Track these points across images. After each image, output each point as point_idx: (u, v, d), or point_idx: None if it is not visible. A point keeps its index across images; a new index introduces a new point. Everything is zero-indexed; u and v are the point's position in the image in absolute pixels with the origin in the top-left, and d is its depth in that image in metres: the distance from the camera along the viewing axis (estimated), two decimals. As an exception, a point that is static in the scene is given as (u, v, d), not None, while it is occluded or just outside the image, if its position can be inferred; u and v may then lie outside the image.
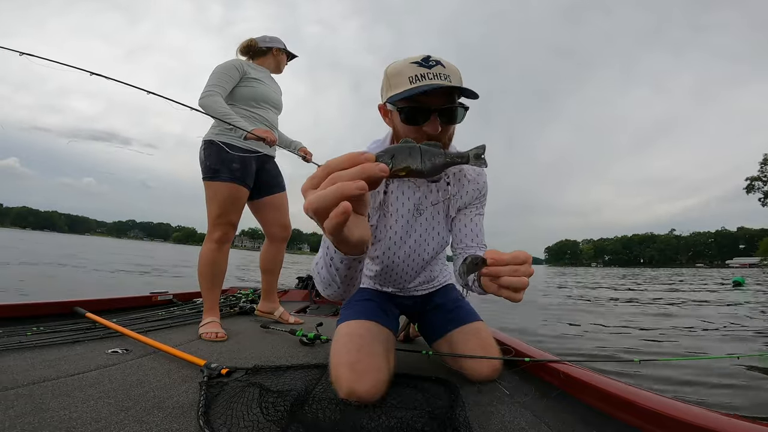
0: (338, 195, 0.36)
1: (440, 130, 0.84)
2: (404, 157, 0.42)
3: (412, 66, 0.82)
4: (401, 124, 0.87)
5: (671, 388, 1.64)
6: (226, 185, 1.63)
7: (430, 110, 0.83)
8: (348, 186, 0.35)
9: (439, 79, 0.80)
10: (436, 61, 0.82)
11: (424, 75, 0.80)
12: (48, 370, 1.03)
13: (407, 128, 0.86)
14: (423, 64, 0.81)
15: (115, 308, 2.01)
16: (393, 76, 0.85)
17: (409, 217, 1.06)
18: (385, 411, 0.81)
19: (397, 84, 0.83)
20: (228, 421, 0.75)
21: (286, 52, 1.94)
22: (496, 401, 0.92)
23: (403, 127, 0.87)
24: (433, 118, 0.83)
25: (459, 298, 1.24)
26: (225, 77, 1.66)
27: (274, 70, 1.92)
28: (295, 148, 2.01)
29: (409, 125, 0.86)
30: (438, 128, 0.84)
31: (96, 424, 0.73)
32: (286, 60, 1.97)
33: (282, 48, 1.91)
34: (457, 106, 0.85)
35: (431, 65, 0.81)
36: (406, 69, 0.82)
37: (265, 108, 1.80)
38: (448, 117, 0.85)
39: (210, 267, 1.66)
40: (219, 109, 1.60)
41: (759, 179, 39.08)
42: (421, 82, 0.80)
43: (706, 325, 3.44)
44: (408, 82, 0.81)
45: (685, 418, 0.64)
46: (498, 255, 0.62)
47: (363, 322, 1.06)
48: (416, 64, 0.81)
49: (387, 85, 0.87)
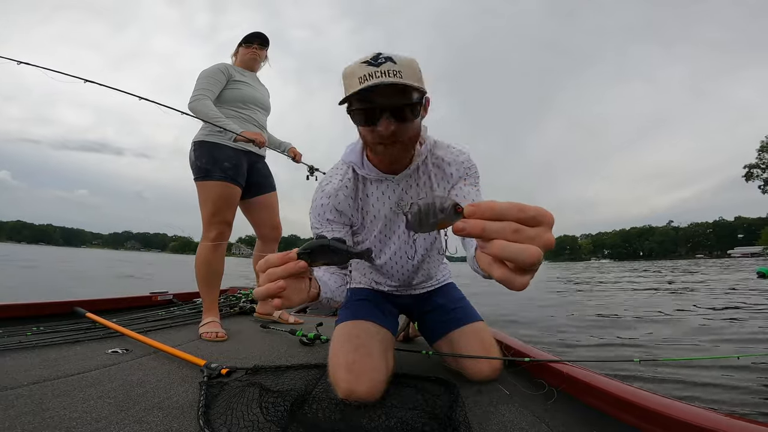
0: (265, 294, 0.51)
1: (393, 129, 0.82)
2: (318, 254, 0.55)
3: (362, 66, 0.78)
4: (357, 126, 0.88)
5: (671, 388, 1.63)
6: (218, 184, 1.63)
7: (380, 109, 0.80)
8: (271, 287, 0.51)
9: (387, 76, 0.77)
10: (387, 57, 0.78)
11: (372, 74, 0.77)
12: (48, 370, 1.03)
13: (363, 129, 0.87)
14: (372, 62, 0.78)
15: (115, 308, 2.01)
16: (346, 79, 0.82)
17: (392, 215, 1.05)
18: (384, 411, 0.81)
19: (349, 86, 0.80)
20: (228, 421, 0.75)
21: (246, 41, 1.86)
22: (496, 401, 0.92)
23: (360, 128, 0.88)
24: (383, 119, 0.81)
25: (460, 297, 1.24)
26: (212, 81, 1.67)
27: (253, 67, 1.87)
28: (284, 149, 2.01)
29: (362, 126, 0.86)
30: (390, 127, 0.82)
31: (96, 424, 0.73)
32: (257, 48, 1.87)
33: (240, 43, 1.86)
34: (409, 103, 0.81)
35: (380, 63, 0.78)
36: (357, 70, 0.79)
37: (253, 109, 1.80)
38: (400, 115, 0.82)
39: (207, 267, 1.66)
40: (209, 112, 1.60)
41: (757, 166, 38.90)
42: (369, 81, 0.76)
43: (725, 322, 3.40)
44: (358, 83, 0.78)
45: (685, 418, 0.64)
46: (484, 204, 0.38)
47: (360, 322, 1.06)
48: (366, 63, 0.78)
49: (344, 88, 0.84)
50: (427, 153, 1.00)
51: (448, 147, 1.03)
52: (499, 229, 0.36)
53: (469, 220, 0.38)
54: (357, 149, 1.01)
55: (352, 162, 1.01)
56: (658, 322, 3.53)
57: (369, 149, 0.95)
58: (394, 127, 0.82)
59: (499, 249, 0.36)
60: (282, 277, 0.51)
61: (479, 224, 0.37)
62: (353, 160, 1.01)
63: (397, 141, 0.86)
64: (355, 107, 0.83)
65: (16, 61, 1.61)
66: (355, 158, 1.01)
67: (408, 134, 0.87)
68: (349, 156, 1.03)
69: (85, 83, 1.71)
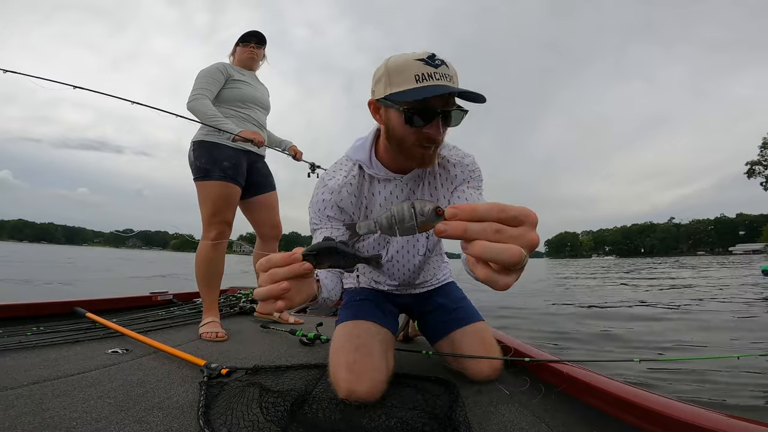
0: (267, 295, 0.49)
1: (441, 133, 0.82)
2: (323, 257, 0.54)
3: (417, 63, 0.77)
4: (399, 124, 0.83)
5: (671, 388, 1.64)
6: (218, 184, 1.63)
7: (436, 112, 0.80)
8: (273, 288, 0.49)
9: (445, 80, 0.77)
10: (441, 60, 0.78)
11: (431, 74, 0.76)
12: (48, 370, 1.03)
13: (406, 128, 0.83)
14: (429, 62, 0.77)
15: (115, 308, 2.01)
16: (396, 73, 0.79)
17: None
18: (385, 411, 0.81)
19: (401, 81, 0.79)
20: (228, 421, 0.75)
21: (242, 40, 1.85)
22: (496, 401, 0.92)
23: (402, 127, 0.83)
24: (436, 121, 0.80)
25: (461, 297, 1.24)
26: (210, 80, 1.67)
27: (248, 66, 1.86)
28: (285, 148, 2.01)
29: (409, 126, 0.82)
30: (440, 132, 0.82)
31: (96, 424, 0.73)
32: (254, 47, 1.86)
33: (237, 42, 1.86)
34: (460, 109, 0.82)
35: (437, 64, 0.78)
36: (411, 66, 0.78)
37: (253, 108, 1.79)
38: (449, 120, 0.82)
39: (207, 267, 1.66)
40: (207, 111, 1.60)
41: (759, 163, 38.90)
42: (428, 82, 0.76)
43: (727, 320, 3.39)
44: (414, 80, 0.77)
45: (685, 418, 0.64)
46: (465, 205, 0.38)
47: (360, 322, 1.05)
48: (422, 61, 0.77)
49: (387, 81, 0.81)
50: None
51: (454, 148, 1.04)
52: (481, 230, 0.36)
53: (450, 222, 0.37)
54: (366, 146, 0.99)
55: (359, 160, 0.99)
56: (658, 321, 3.53)
57: (400, 150, 0.89)
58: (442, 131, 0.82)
59: (480, 249, 0.36)
60: (286, 278, 0.50)
61: (460, 225, 0.37)
62: (361, 158, 0.99)
63: (437, 145, 0.86)
64: (410, 105, 0.79)
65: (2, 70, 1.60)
66: (363, 156, 0.99)
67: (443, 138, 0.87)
68: (357, 153, 1.00)
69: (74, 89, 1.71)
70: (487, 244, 0.35)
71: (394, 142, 0.89)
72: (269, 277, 0.50)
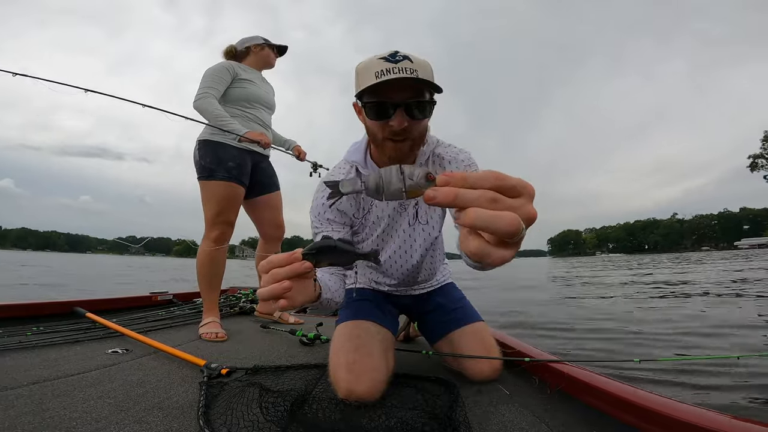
0: (269, 295, 0.49)
1: (406, 125, 0.83)
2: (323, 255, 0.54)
3: (379, 61, 0.81)
4: (369, 120, 0.88)
5: (671, 388, 1.63)
6: (222, 184, 1.63)
7: (395, 105, 0.82)
8: (275, 288, 0.49)
9: (406, 73, 0.79)
10: (404, 56, 0.81)
11: (390, 69, 0.79)
12: (48, 370, 1.03)
13: (374, 123, 0.87)
14: (390, 59, 0.81)
15: (115, 308, 2.01)
16: (362, 74, 0.83)
17: (395, 215, 1.05)
18: (384, 411, 0.81)
19: (365, 80, 0.82)
20: (228, 421, 0.75)
21: (269, 45, 1.88)
22: (496, 401, 0.92)
23: (371, 122, 0.87)
24: (397, 113, 0.83)
25: (460, 297, 1.24)
26: (217, 79, 1.66)
27: (263, 67, 1.88)
28: (289, 147, 2.01)
29: (374, 120, 0.86)
30: (403, 123, 0.83)
31: (96, 424, 0.73)
32: (274, 53, 1.90)
33: (261, 43, 1.86)
34: (423, 100, 0.83)
35: (398, 60, 0.80)
36: (373, 65, 0.81)
37: (258, 108, 1.79)
38: (414, 112, 0.84)
39: (208, 266, 1.66)
40: (213, 111, 1.60)
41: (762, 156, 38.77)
42: (387, 76, 0.79)
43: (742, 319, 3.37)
44: (374, 77, 0.80)
45: (685, 418, 0.64)
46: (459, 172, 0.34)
47: (360, 322, 1.06)
48: (383, 59, 0.81)
49: (356, 82, 0.86)
50: (430, 153, 1.01)
51: (450, 146, 1.04)
52: (475, 198, 0.32)
53: (441, 188, 0.33)
54: (361, 148, 1.01)
55: (355, 161, 1.01)
56: (659, 320, 3.52)
57: (376, 146, 0.95)
58: (407, 123, 0.83)
59: (474, 216, 0.31)
60: (287, 277, 0.50)
61: (452, 191, 0.32)
62: (356, 160, 1.01)
63: (407, 138, 0.87)
64: (370, 100, 0.84)
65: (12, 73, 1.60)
66: (358, 157, 1.01)
67: (418, 132, 0.88)
68: (353, 155, 1.03)
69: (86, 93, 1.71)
70: (481, 211, 0.31)
71: (372, 139, 0.93)
72: (271, 277, 0.51)
